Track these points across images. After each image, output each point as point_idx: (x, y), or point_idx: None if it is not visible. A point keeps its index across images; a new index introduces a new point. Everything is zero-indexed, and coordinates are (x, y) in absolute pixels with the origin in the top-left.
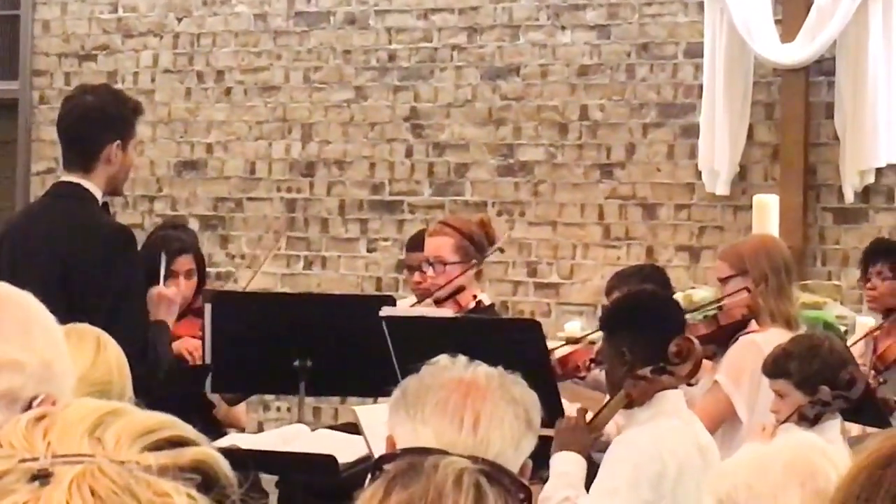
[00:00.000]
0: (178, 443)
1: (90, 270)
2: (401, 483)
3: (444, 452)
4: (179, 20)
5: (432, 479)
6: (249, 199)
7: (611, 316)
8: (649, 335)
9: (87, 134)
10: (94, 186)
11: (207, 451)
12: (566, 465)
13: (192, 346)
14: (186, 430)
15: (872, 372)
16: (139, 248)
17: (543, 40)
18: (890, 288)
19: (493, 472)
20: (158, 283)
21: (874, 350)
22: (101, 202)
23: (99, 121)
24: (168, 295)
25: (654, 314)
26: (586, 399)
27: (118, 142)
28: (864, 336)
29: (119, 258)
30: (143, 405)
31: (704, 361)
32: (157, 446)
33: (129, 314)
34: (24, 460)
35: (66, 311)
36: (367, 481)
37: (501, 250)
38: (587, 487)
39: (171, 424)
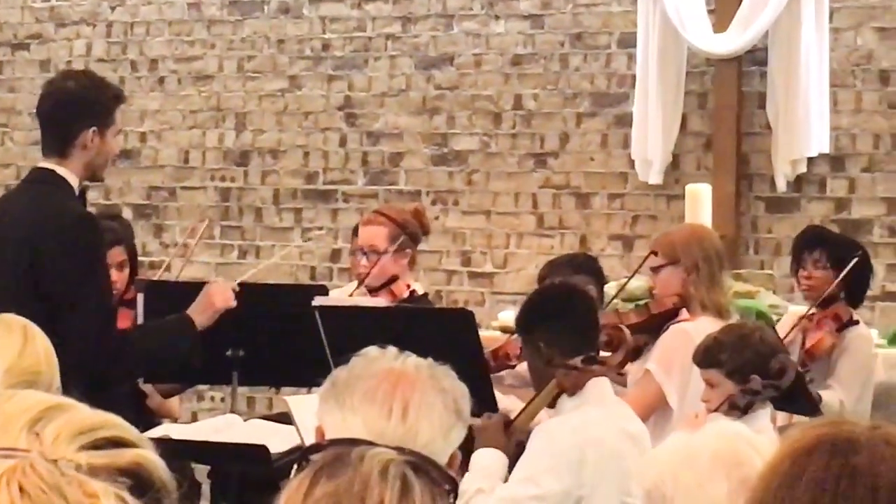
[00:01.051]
0: (118, 443)
1: (54, 257)
2: (327, 474)
3: (371, 443)
4: (113, 9)
5: (358, 471)
6: (183, 188)
7: (522, 317)
8: (562, 328)
9: (62, 119)
10: (69, 173)
11: (146, 453)
12: (486, 460)
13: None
14: (128, 430)
15: (799, 364)
16: None
17: (477, 30)
18: (826, 277)
19: (420, 463)
20: None
21: (802, 343)
22: (78, 188)
23: (75, 106)
24: (215, 301)
25: (561, 307)
26: (519, 391)
27: (95, 128)
28: (795, 325)
29: (81, 245)
30: (75, 396)
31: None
32: (96, 445)
33: (90, 301)
34: None
35: (34, 299)
36: (293, 472)
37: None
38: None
39: (112, 424)
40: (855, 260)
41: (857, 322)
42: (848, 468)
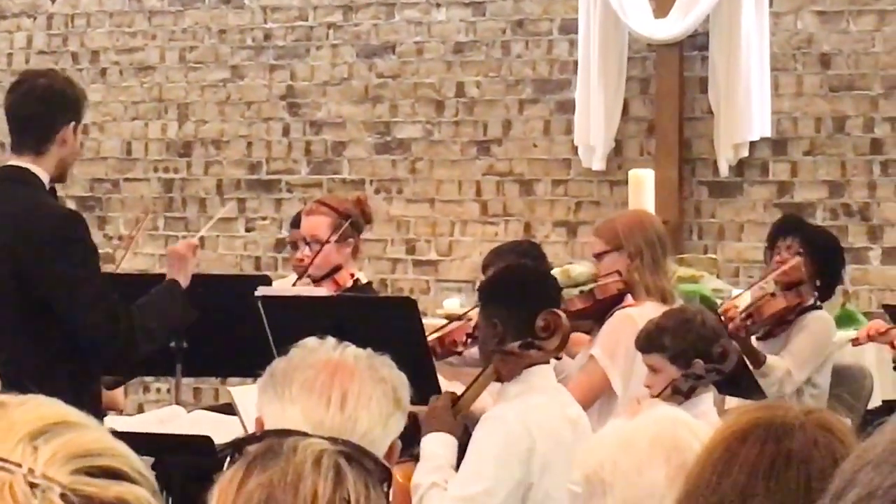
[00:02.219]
0: (114, 474)
1: (42, 259)
2: (260, 465)
3: (305, 434)
4: (53, 1)
5: (291, 461)
6: (126, 179)
7: (486, 287)
8: (520, 309)
9: (43, 114)
10: (42, 171)
11: (137, 492)
12: (434, 446)
13: None
14: (131, 463)
15: (744, 315)
16: None
17: (419, 18)
18: (797, 263)
19: (354, 453)
20: None
21: (754, 303)
22: (48, 187)
23: (57, 102)
24: (178, 251)
25: (526, 288)
26: (466, 377)
27: (73, 123)
28: (751, 290)
29: (71, 243)
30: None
31: (581, 336)
32: (90, 472)
33: (94, 293)
34: None
35: (20, 302)
36: (226, 464)
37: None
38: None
39: (116, 453)
40: (835, 261)
41: (819, 307)
42: (782, 453)
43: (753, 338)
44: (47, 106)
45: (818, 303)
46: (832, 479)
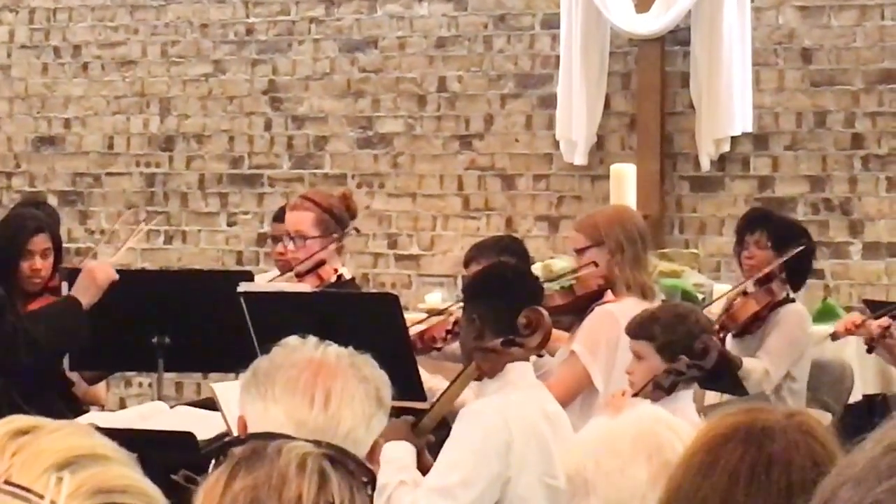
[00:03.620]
0: None
1: None
2: (245, 468)
3: (289, 437)
4: None
5: (276, 464)
6: (108, 174)
7: (469, 285)
8: (501, 306)
9: None
10: None
11: None
12: (395, 452)
13: None
14: (153, 502)
15: (717, 326)
16: None
17: (401, 12)
18: (767, 256)
19: (337, 456)
20: (15, 261)
21: (728, 308)
22: None
23: None
24: (96, 275)
25: (508, 286)
26: (447, 370)
27: None
28: (728, 295)
29: None
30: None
31: (562, 332)
32: None
33: None
34: None
35: None
36: (211, 466)
37: (357, 231)
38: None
39: (139, 490)
40: (801, 248)
41: (792, 300)
42: (762, 456)
43: (729, 336)
44: None
45: (791, 296)
46: (813, 496)
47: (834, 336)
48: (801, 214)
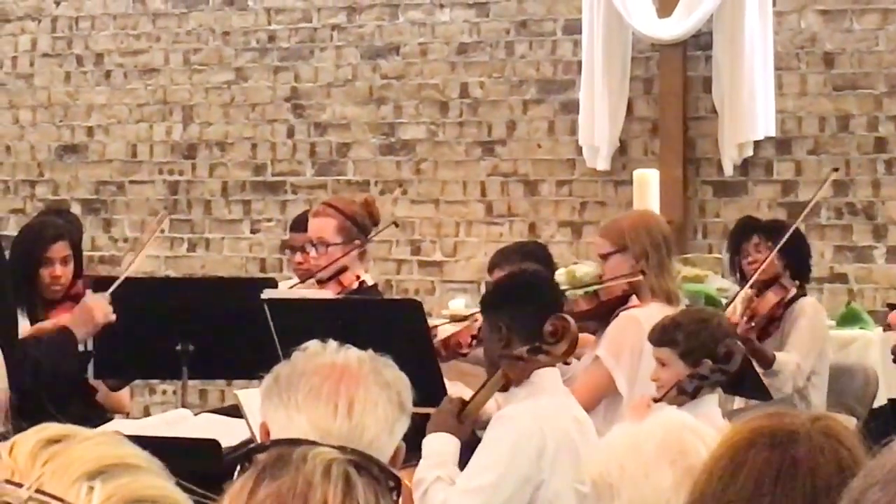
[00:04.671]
0: None
1: None
2: (270, 475)
3: (314, 443)
4: (57, 4)
5: (301, 471)
6: (131, 182)
7: (490, 295)
8: (526, 314)
9: None
10: None
11: None
12: (438, 444)
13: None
14: None
15: (745, 319)
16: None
17: (423, 19)
18: (769, 258)
19: (362, 462)
20: (35, 268)
21: (749, 305)
22: None
23: None
24: (94, 313)
25: (531, 293)
26: (472, 377)
27: None
28: (740, 297)
29: None
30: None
31: (586, 337)
32: None
33: None
34: (9, 481)
35: None
36: (236, 473)
37: (396, 224)
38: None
39: (169, 500)
40: (792, 229)
41: (804, 294)
42: (787, 460)
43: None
44: None
45: (801, 291)
46: (840, 499)
47: (887, 328)
48: (825, 219)
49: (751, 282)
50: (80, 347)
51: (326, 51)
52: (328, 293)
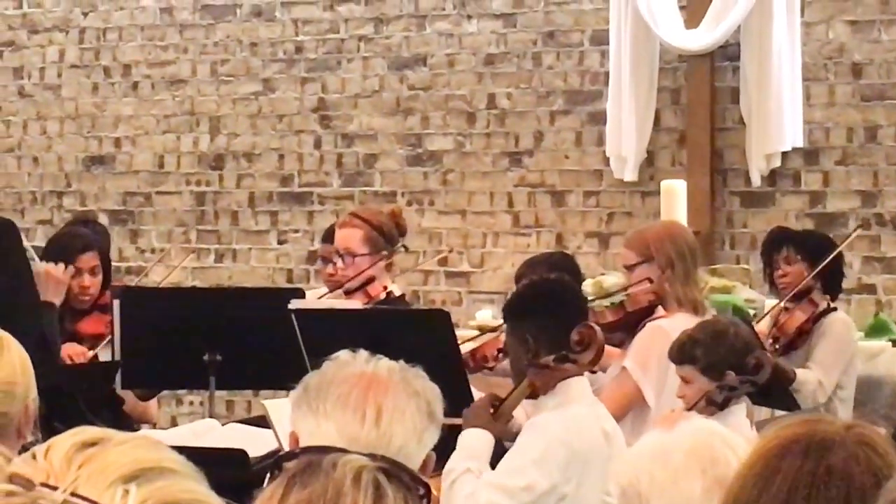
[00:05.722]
0: None
1: None
2: (300, 482)
3: (343, 450)
4: (85, 15)
5: (331, 478)
6: (158, 192)
7: (514, 304)
8: (552, 323)
9: None
10: None
11: None
12: (472, 439)
13: (74, 352)
14: None
15: (770, 340)
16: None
17: (450, 30)
18: (800, 270)
19: (392, 469)
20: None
21: (775, 323)
22: None
23: None
24: (56, 275)
25: (556, 302)
26: (499, 388)
27: None
28: (771, 313)
29: (7, 251)
30: (49, 401)
31: (613, 349)
32: None
33: (25, 305)
34: (44, 484)
35: None
36: (266, 480)
37: (405, 248)
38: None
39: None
40: (835, 252)
41: (835, 309)
42: (822, 468)
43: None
44: None
45: (832, 304)
46: (877, 498)
47: None
48: (853, 230)
49: (784, 301)
50: (106, 356)
51: (354, 62)
52: (356, 303)
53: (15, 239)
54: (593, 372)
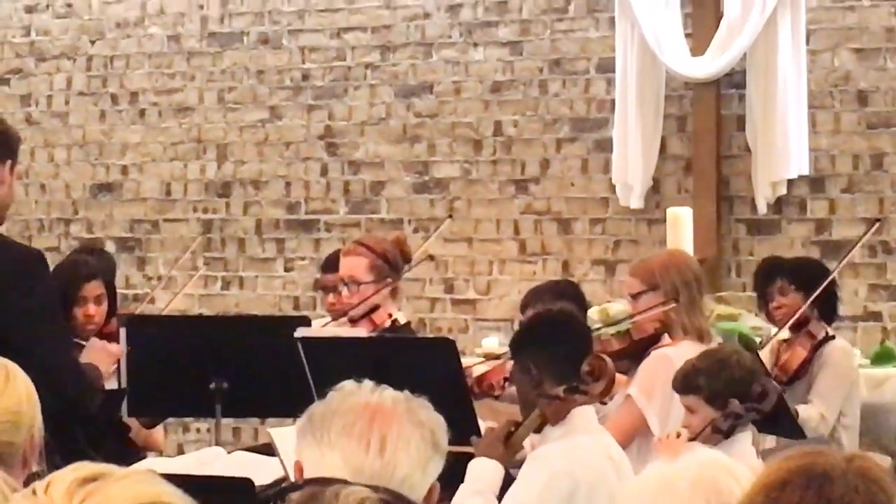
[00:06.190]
0: None
1: (5, 294)
2: None
3: (346, 482)
4: (92, 42)
5: None
6: (166, 220)
7: (518, 337)
8: (555, 354)
9: None
10: None
11: None
12: (482, 470)
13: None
14: None
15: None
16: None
17: (456, 57)
18: (795, 300)
19: (394, 501)
20: (69, 308)
21: (776, 361)
22: None
23: None
24: (111, 350)
25: (558, 333)
26: (505, 416)
27: (10, 162)
28: (769, 346)
29: (34, 280)
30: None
31: (619, 376)
32: None
33: (50, 336)
34: None
35: None
36: None
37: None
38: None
39: None
40: (829, 279)
41: (833, 337)
42: (822, 501)
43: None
44: None
45: (829, 332)
46: None
47: None
48: (859, 257)
49: (782, 332)
50: (112, 384)
51: (360, 89)
52: (361, 331)
53: (42, 270)
54: (603, 403)
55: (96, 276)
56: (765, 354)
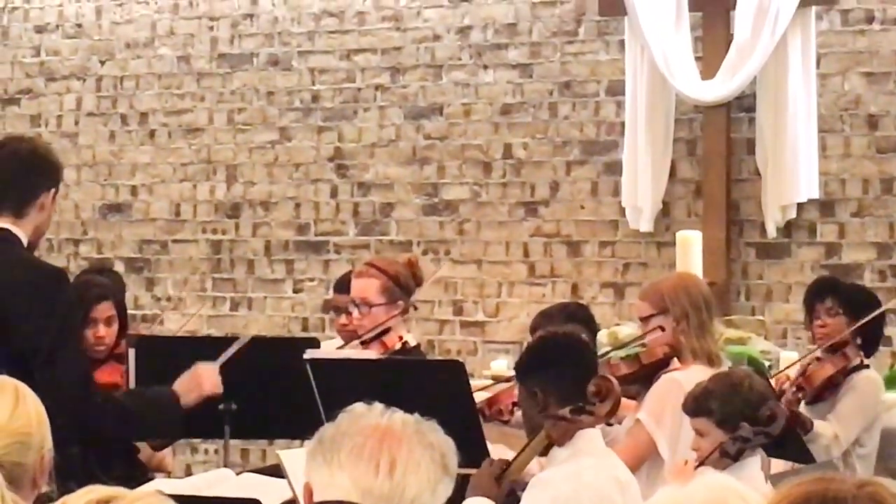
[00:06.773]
0: None
1: (29, 313)
2: None
3: None
4: (102, 63)
5: None
6: (175, 240)
7: (523, 360)
8: (561, 375)
9: (26, 178)
10: (22, 233)
11: None
12: None
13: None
14: None
15: (794, 388)
16: None
17: (466, 79)
18: (839, 323)
19: None
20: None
21: (803, 372)
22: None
23: (38, 167)
24: (208, 376)
25: (563, 354)
26: (514, 438)
27: (53, 190)
28: (801, 361)
29: (56, 299)
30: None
31: (629, 401)
32: None
33: (68, 355)
34: None
35: (6, 356)
36: None
37: (415, 307)
38: None
39: None
40: (878, 311)
41: (867, 366)
42: None
43: (802, 402)
44: (29, 170)
45: (864, 361)
46: None
47: None
48: (868, 281)
49: (819, 352)
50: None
51: (370, 111)
52: (371, 354)
53: (64, 288)
54: (609, 424)
55: (107, 298)
56: (795, 370)
